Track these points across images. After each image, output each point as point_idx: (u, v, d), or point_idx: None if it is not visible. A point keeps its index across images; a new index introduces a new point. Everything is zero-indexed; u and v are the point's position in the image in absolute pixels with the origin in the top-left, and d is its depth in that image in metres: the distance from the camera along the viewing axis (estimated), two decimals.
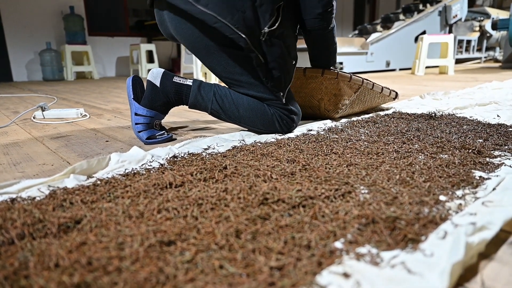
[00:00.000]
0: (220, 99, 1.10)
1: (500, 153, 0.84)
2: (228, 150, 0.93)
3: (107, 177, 0.73)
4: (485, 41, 6.29)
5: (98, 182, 0.70)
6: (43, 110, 1.63)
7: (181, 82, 1.09)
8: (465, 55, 5.99)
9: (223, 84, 1.16)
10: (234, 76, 1.09)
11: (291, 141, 1.00)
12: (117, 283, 0.38)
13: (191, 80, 1.11)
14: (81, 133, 1.29)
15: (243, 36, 0.98)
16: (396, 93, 1.54)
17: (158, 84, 1.08)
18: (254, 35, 1.00)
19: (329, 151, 0.89)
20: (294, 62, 1.13)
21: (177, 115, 1.65)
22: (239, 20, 0.97)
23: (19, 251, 0.45)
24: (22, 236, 0.49)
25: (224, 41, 1.02)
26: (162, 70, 1.10)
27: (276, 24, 1.01)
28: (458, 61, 6.21)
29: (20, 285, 0.38)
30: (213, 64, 1.09)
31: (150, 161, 0.85)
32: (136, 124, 1.08)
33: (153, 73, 1.09)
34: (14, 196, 0.64)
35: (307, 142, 0.99)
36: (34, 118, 1.61)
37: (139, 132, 1.08)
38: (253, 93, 1.10)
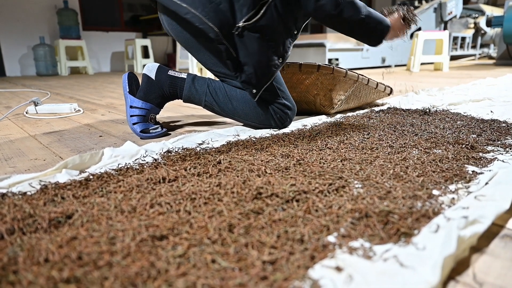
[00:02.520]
0: (214, 91, 1.10)
1: (493, 148, 0.85)
2: (223, 145, 0.93)
3: (99, 172, 0.72)
4: (479, 38, 6.32)
5: (91, 177, 0.70)
6: (36, 105, 1.61)
7: (175, 75, 1.10)
8: (459, 52, 6.01)
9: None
10: (222, 70, 1.09)
11: (286, 136, 0.99)
12: (107, 277, 0.38)
13: (186, 74, 1.11)
14: (75, 128, 1.28)
15: (213, 26, 0.96)
16: (391, 88, 1.54)
17: (153, 77, 1.08)
18: (226, 27, 0.98)
19: (324, 146, 0.88)
20: (280, 60, 1.07)
21: (172, 110, 1.64)
22: (210, 11, 0.96)
23: (8, 246, 0.45)
24: (12, 231, 0.48)
25: (199, 34, 1.02)
26: (157, 64, 1.11)
27: (255, 18, 0.97)
28: (453, 58, 6.23)
29: (9, 280, 0.38)
30: (204, 59, 1.10)
31: (143, 156, 0.84)
32: (131, 116, 1.07)
33: (149, 67, 1.10)
34: (4, 191, 0.63)
35: (301, 137, 0.99)
36: (26, 113, 1.59)
37: (134, 124, 1.07)
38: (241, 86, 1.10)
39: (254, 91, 1.06)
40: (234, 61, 1.03)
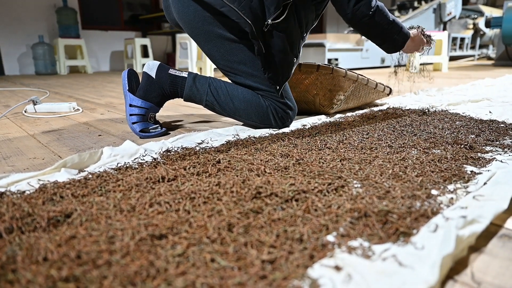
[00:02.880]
0: (215, 90, 1.09)
1: (491, 148, 0.85)
2: (222, 144, 0.93)
3: (98, 171, 0.72)
4: (478, 39, 6.33)
5: (90, 176, 0.69)
6: (34, 104, 1.61)
7: (176, 74, 1.09)
8: (458, 53, 6.02)
9: (219, 76, 1.15)
10: (232, 65, 1.09)
11: (285, 136, 1.00)
12: (106, 276, 0.38)
13: (187, 73, 1.11)
14: (74, 127, 1.28)
15: (249, 21, 0.98)
16: (390, 89, 1.55)
17: (153, 75, 1.08)
18: (258, 23, 1.00)
19: (323, 145, 0.89)
20: (295, 60, 1.13)
21: (172, 109, 1.64)
22: (245, 6, 0.98)
23: (7, 245, 0.45)
24: (10, 230, 0.48)
25: (225, 26, 1.03)
26: (158, 62, 1.10)
27: (281, 18, 1.01)
28: (452, 59, 6.24)
29: (7, 279, 0.38)
30: (212, 51, 1.09)
31: (143, 155, 0.84)
32: (130, 115, 1.07)
33: (149, 65, 1.09)
34: (3, 190, 0.63)
35: (301, 136, 0.99)
36: (25, 112, 1.59)
37: (133, 123, 1.07)
38: (249, 83, 1.10)
39: (277, 87, 1.11)
40: (263, 57, 1.05)
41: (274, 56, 1.06)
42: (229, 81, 1.14)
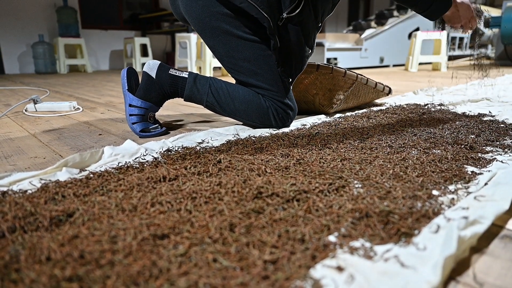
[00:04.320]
0: (216, 91, 1.09)
1: (491, 148, 0.85)
2: (223, 144, 0.93)
3: (100, 171, 0.72)
4: (477, 39, 6.32)
5: (91, 175, 0.70)
6: (35, 103, 1.61)
7: (177, 74, 1.09)
8: (457, 52, 6.03)
9: (218, 75, 1.15)
10: (237, 62, 1.08)
11: (286, 136, 1.00)
12: (109, 276, 0.38)
13: (187, 73, 1.10)
14: (74, 126, 1.28)
15: (267, 16, 0.98)
16: (390, 88, 1.55)
17: (153, 75, 1.07)
18: (274, 18, 1.01)
19: (323, 145, 0.89)
20: (310, 52, 1.13)
21: (171, 108, 1.64)
22: (263, 1, 0.98)
23: (10, 244, 0.45)
24: (13, 229, 0.48)
25: (236, 24, 1.03)
26: (158, 62, 1.10)
27: (296, 11, 1.01)
28: (450, 58, 6.24)
29: (11, 279, 0.38)
30: (217, 47, 1.09)
31: (143, 155, 0.84)
32: (130, 115, 1.07)
33: (149, 65, 1.08)
34: (5, 189, 0.63)
35: (301, 136, 0.99)
36: (26, 111, 1.59)
37: (133, 124, 1.07)
38: (252, 81, 1.10)
39: (290, 79, 1.11)
40: (277, 51, 1.05)
41: (289, 50, 1.06)
42: (230, 81, 1.14)
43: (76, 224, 0.50)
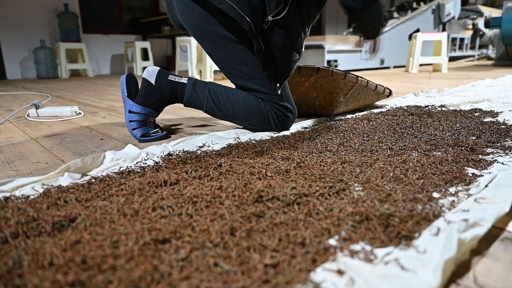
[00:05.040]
0: (215, 97, 1.09)
1: (492, 150, 0.85)
2: (223, 148, 0.93)
3: (101, 175, 0.73)
4: (478, 39, 6.34)
5: (93, 180, 0.70)
6: (37, 108, 1.62)
7: (176, 80, 1.09)
8: (458, 53, 6.03)
9: (218, 79, 1.16)
10: (235, 66, 1.08)
11: (286, 139, 1.00)
12: (111, 281, 0.38)
13: (186, 79, 1.11)
14: (76, 131, 1.28)
15: (247, 19, 0.98)
16: (390, 90, 1.55)
17: (153, 82, 1.07)
18: (257, 21, 1.00)
19: (324, 148, 0.89)
20: (297, 56, 1.12)
21: (172, 112, 1.65)
22: (244, 3, 0.97)
23: (13, 250, 0.45)
24: (16, 235, 0.49)
25: (228, 27, 1.03)
26: (158, 68, 1.10)
27: (282, 14, 1.01)
28: (451, 59, 6.25)
29: (14, 284, 0.38)
30: (215, 52, 1.09)
31: (145, 159, 0.85)
32: (130, 121, 1.07)
33: (149, 71, 1.09)
34: (7, 194, 0.64)
35: (301, 139, 0.99)
36: (28, 116, 1.60)
37: (133, 129, 1.07)
38: (251, 85, 1.10)
39: (278, 84, 1.10)
40: (262, 54, 1.05)
41: (274, 53, 1.05)
42: (229, 86, 1.14)
43: (78, 229, 0.50)
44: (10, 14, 5.14)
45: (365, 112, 1.44)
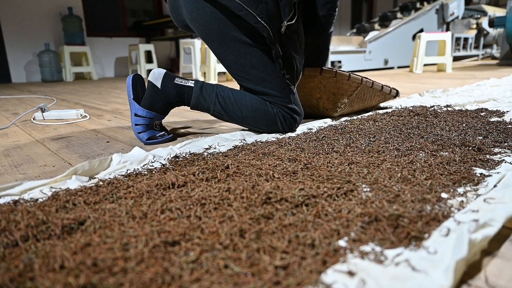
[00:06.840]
0: (223, 100, 1.09)
1: (500, 150, 0.85)
2: (230, 149, 0.93)
3: (109, 178, 0.73)
4: (482, 39, 6.31)
5: (101, 183, 0.70)
6: (43, 111, 1.63)
7: (182, 83, 1.08)
8: (462, 53, 6.00)
9: (222, 81, 1.16)
10: (245, 69, 1.09)
11: (292, 140, 1.00)
12: (123, 284, 0.38)
13: (193, 81, 1.10)
14: (82, 134, 1.29)
15: (266, 25, 1.00)
16: (397, 91, 1.54)
17: (159, 85, 1.07)
18: (274, 26, 1.02)
19: (330, 149, 0.89)
20: (303, 58, 1.16)
21: (178, 115, 1.65)
22: (262, 10, 0.99)
23: (23, 253, 0.45)
24: (26, 238, 0.49)
25: (241, 29, 1.04)
26: (164, 71, 1.09)
27: (294, 19, 1.04)
28: (455, 59, 6.22)
29: (26, 287, 0.38)
30: (225, 54, 1.09)
31: (151, 162, 0.85)
32: (136, 125, 1.07)
33: (154, 74, 1.08)
34: (16, 198, 0.64)
35: (308, 141, 0.99)
36: (34, 119, 1.61)
37: (139, 133, 1.07)
38: (260, 88, 1.10)
39: (293, 86, 1.14)
40: (280, 59, 1.07)
41: (290, 57, 1.09)
42: (236, 87, 1.15)
43: (87, 232, 0.51)
44: (15, 18, 5.19)
45: (370, 113, 1.44)
